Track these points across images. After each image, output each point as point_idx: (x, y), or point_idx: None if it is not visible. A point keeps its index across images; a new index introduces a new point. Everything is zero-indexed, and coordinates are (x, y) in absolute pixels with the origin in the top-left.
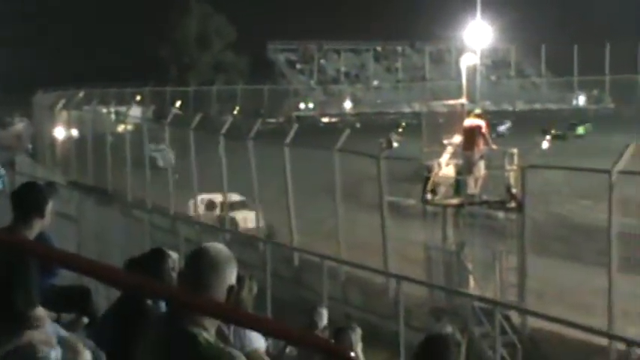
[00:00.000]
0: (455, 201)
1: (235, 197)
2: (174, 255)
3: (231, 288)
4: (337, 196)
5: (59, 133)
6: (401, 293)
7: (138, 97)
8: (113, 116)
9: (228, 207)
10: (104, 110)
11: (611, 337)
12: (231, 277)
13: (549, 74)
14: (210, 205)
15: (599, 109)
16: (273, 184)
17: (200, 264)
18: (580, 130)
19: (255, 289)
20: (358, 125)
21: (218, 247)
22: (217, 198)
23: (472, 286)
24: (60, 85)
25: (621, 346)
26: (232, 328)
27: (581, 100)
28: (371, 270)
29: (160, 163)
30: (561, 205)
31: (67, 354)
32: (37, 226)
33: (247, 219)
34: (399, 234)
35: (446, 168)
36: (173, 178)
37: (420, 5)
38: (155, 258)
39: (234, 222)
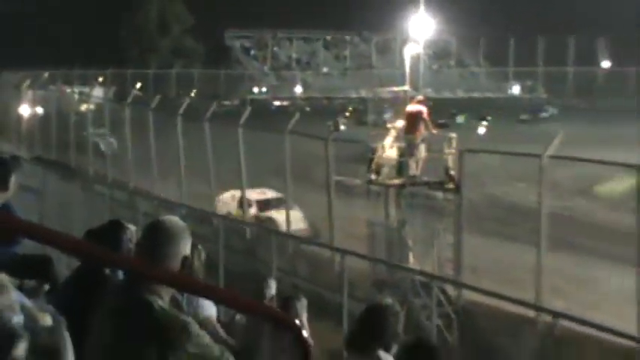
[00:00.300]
0: (397, 181)
1: (271, 194)
2: (132, 227)
3: (185, 258)
4: (287, 176)
5: (24, 110)
6: (345, 267)
7: (100, 79)
8: (76, 96)
9: (264, 205)
10: (68, 90)
11: (539, 309)
12: (186, 248)
13: (487, 65)
14: (245, 204)
15: (533, 98)
16: (227, 164)
17: (156, 236)
18: (459, 119)
19: (203, 256)
20: (308, 109)
21: (173, 220)
22: (252, 195)
23: (412, 261)
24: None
25: (548, 317)
26: (186, 296)
27: (516, 89)
28: (317, 244)
29: (102, 148)
30: (496, 187)
31: (29, 320)
32: (1, 198)
33: (290, 220)
34: (345, 211)
35: (389, 150)
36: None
37: None
38: (113, 229)
39: (273, 223)
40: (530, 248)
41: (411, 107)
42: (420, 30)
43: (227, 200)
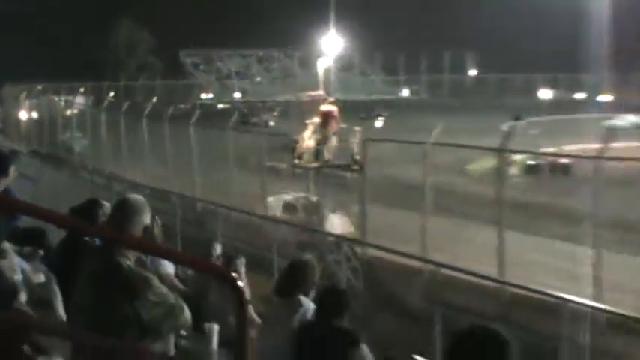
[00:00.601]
0: (315, 165)
1: (311, 199)
2: (107, 204)
3: (145, 227)
4: (230, 163)
5: (23, 115)
6: (275, 232)
7: (82, 89)
8: (63, 103)
9: (305, 210)
10: (56, 99)
11: (425, 260)
12: (146, 219)
13: (383, 74)
14: (290, 208)
15: (417, 100)
16: (182, 156)
17: (123, 210)
18: None
19: (159, 223)
20: (245, 110)
21: (137, 198)
22: (297, 200)
23: (327, 226)
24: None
25: (432, 267)
26: (150, 257)
27: (405, 92)
28: (254, 215)
29: (76, 148)
30: (391, 168)
31: (25, 278)
32: (2, 184)
33: (335, 224)
34: (276, 189)
35: (308, 141)
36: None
37: (290, 23)
38: (91, 206)
39: (321, 227)
40: (418, 214)
41: (325, 107)
42: (331, 47)
43: (273, 205)
